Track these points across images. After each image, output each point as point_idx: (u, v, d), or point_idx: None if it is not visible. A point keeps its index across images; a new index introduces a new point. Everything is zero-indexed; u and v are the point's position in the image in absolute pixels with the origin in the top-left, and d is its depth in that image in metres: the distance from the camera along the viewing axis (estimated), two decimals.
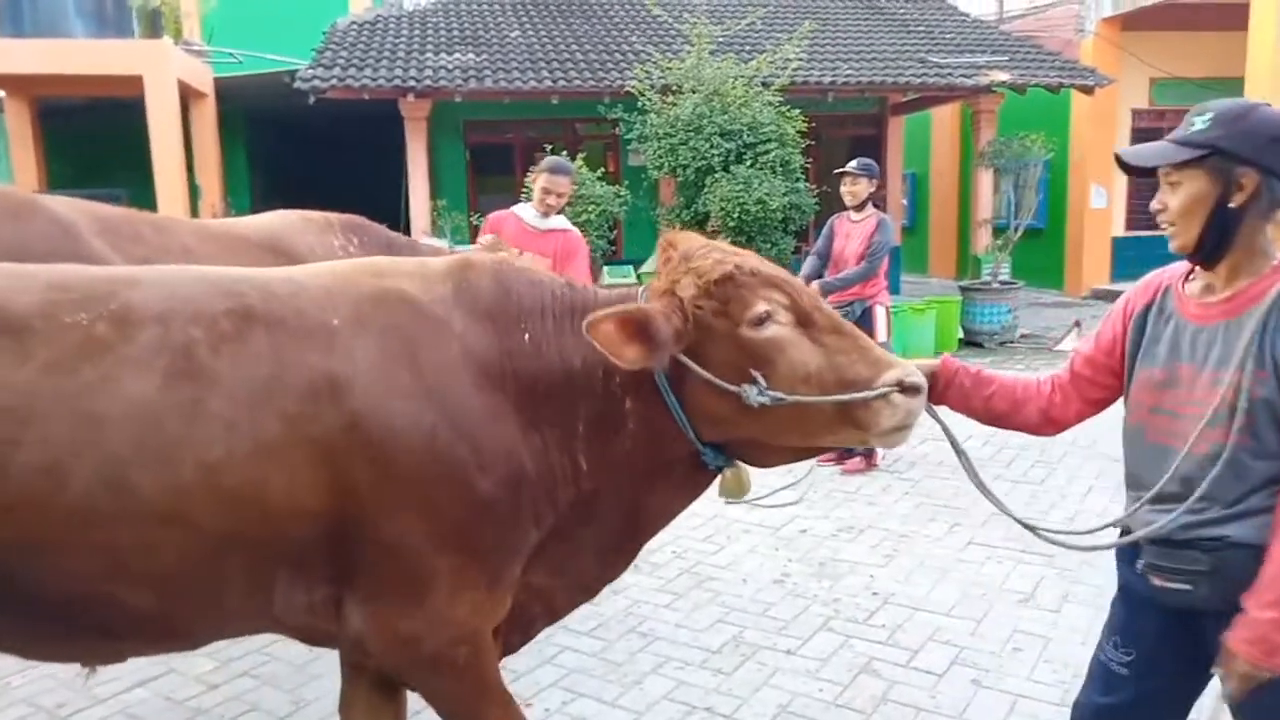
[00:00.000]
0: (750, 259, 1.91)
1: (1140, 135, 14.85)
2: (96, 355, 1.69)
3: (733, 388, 1.82)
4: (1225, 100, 1.83)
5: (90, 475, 1.63)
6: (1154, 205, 1.88)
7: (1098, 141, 14.17)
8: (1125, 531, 1.98)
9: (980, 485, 2.06)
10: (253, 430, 1.71)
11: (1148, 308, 1.96)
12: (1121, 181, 14.82)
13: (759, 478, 2.25)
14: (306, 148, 16.70)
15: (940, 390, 2.07)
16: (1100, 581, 4.16)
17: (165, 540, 1.69)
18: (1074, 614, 3.88)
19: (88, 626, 1.80)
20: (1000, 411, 2.09)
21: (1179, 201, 1.81)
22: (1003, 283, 11.15)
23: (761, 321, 1.83)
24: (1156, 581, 1.87)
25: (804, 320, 1.86)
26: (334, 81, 10.66)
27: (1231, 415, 1.73)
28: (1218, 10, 12.79)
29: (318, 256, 3.45)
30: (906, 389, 1.83)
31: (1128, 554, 1.98)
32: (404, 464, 1.77)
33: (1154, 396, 1.88)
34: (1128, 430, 1.97)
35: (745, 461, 2.04)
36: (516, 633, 2.15)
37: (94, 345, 1.69)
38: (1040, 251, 14.64)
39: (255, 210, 11.80)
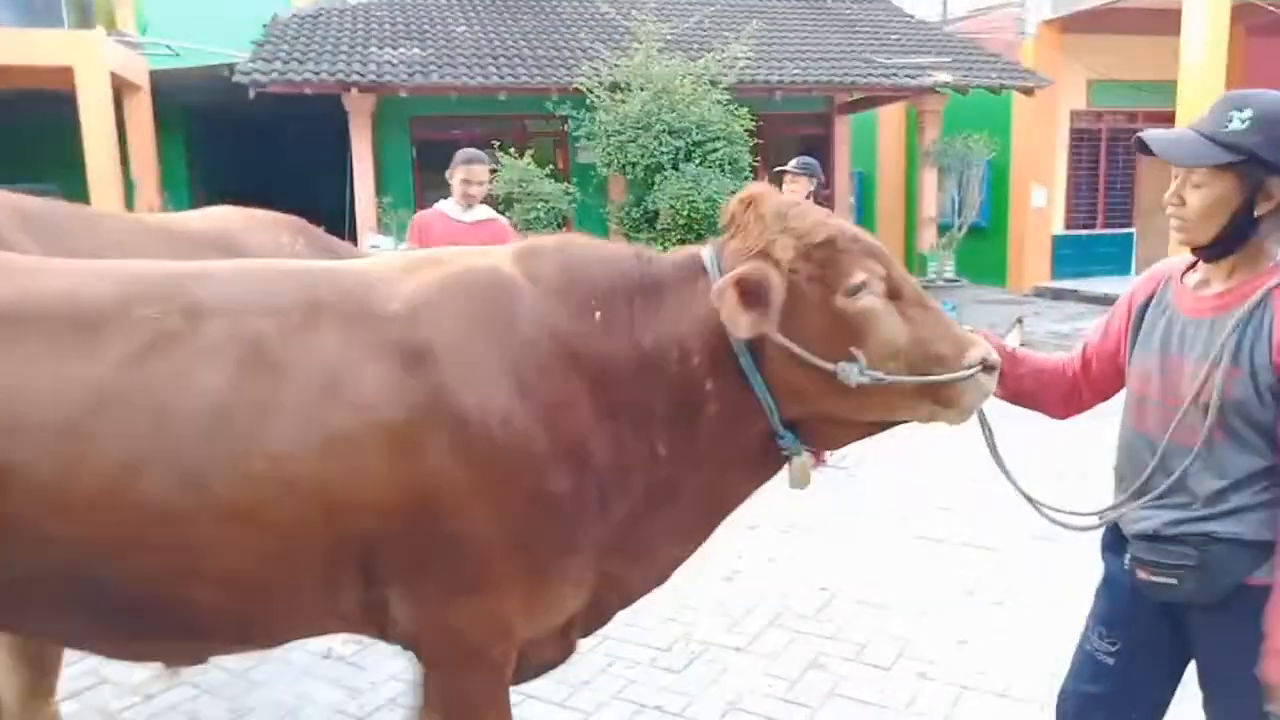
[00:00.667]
0: (848, 224, 1.82)
1: (1078, 135, 15.25)
2: (168, 349, 1.68)
3: (830, 366, 1.73)
4: (1265, 97, 1.74)
5: (163, 471, 1.62)
6: (1168, 197, 1.81)
7: (1038, 142, 14.52)
8: (1115, 525, 2.00)
9: (998, 461, 2.04)
10: (323, 422, 1.68)
11: (1149, 299, 1.94)
12: (1061, 181, 15.22)
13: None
14: (248, 143, 16.37)
15: None
16: (1044, 575, 4.26)
17: (238, 537, 1.67)
18: (1017, 607, 3.96)
19: (164, 626, 1.78)
20: (1027, 391, 2.10)
21: (1200, 201, 1.75)
22: (947, 280, 11.38)
23: (857, 291, 1.74)
24: (1142, 575, 1.88)
25: (894, 292, 1.79)
26: (275, 75, 10.47)
27: (1205, 411, 1.74)
28: (1151, 15, 13.17)
29: (268, 254, 3.37)
30: (989, 368, 1.81)
31: (1114, 546, 2.00)
32: (479, 450, 1.72)
33: (1144, 387, 1.90)
34: (1122, 420, 1.99)
35: (812, 441, 1.95)
36: (595, 623, 2.11)
37: (165, 339, 1.68)
38: (983, 249, 14.95)
39: (195, 206, 11.52)
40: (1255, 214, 1.72)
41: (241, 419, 1.65)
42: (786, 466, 1.94)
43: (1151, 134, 1.82)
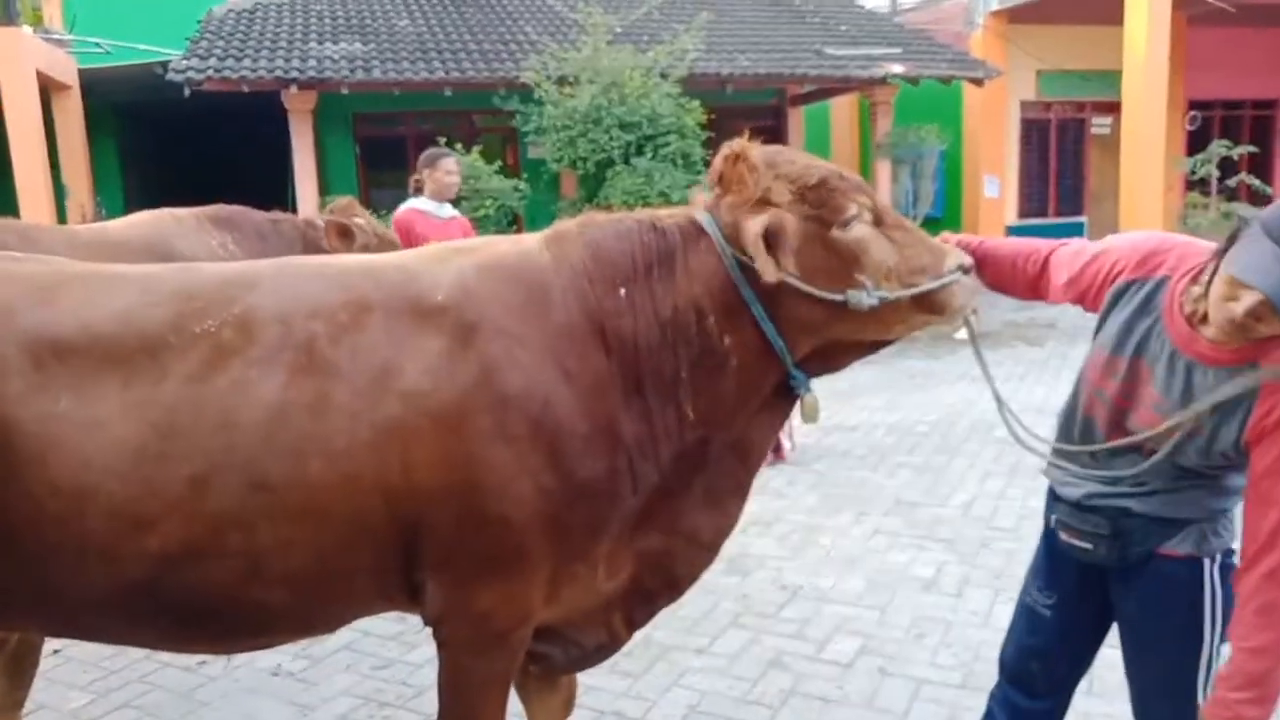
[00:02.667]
0: (830, 164, 1.97)
1: (1028, 125, 15.53)
2: (226, 362, 1.76)
3: (840, 296, 1.87)
4: None
5: (230, 480, 1.71)
6: (1244, 317, 1.62)
7: (989, 132, 14.76)
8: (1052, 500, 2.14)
9: (982, 365, 2.22)
10: (373, 415, 1.77)
11: (1131, 283, 1.91)
12: (1013, 171, 15.49)
13: None
14: (185, 143, 16.02)
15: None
16: (998, 564, 4.34)
17: (300, 536, 1.76)
18: (974, 598, 4.02)
19: (233, 626, 1.89)
20: (992, 284, 2.25)
21: (1241, 315, 1.62)
22: None
23: (850, 222, 1.89)
24: (1064, 537, 2.06)
25: (878, 219, 1.95)
26: (210, 73, 10.24)
27: (1163, 443, 1.81)
28: (1096, 6, 13.45)
29: (199, 258, 3.33)
30: (967, 269, 1.98)
31: (1049, 504, 2.15)
32: (522, 431, 1.80)
33: (1103, 381, 1.95)
34: (1072, 390, 2.07)
35: (815, 371, 2.06)
36: (639, 609, 2.17)
37: (223, 352, 1.77)
38: None
39: (131, 210, 11.25)
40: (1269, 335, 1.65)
41: (298, 421, 1.74)
42: (798, 404, 2.07)
43: (1251, 271, 1.60)
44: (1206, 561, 1.91)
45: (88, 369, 1.73)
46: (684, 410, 1.96)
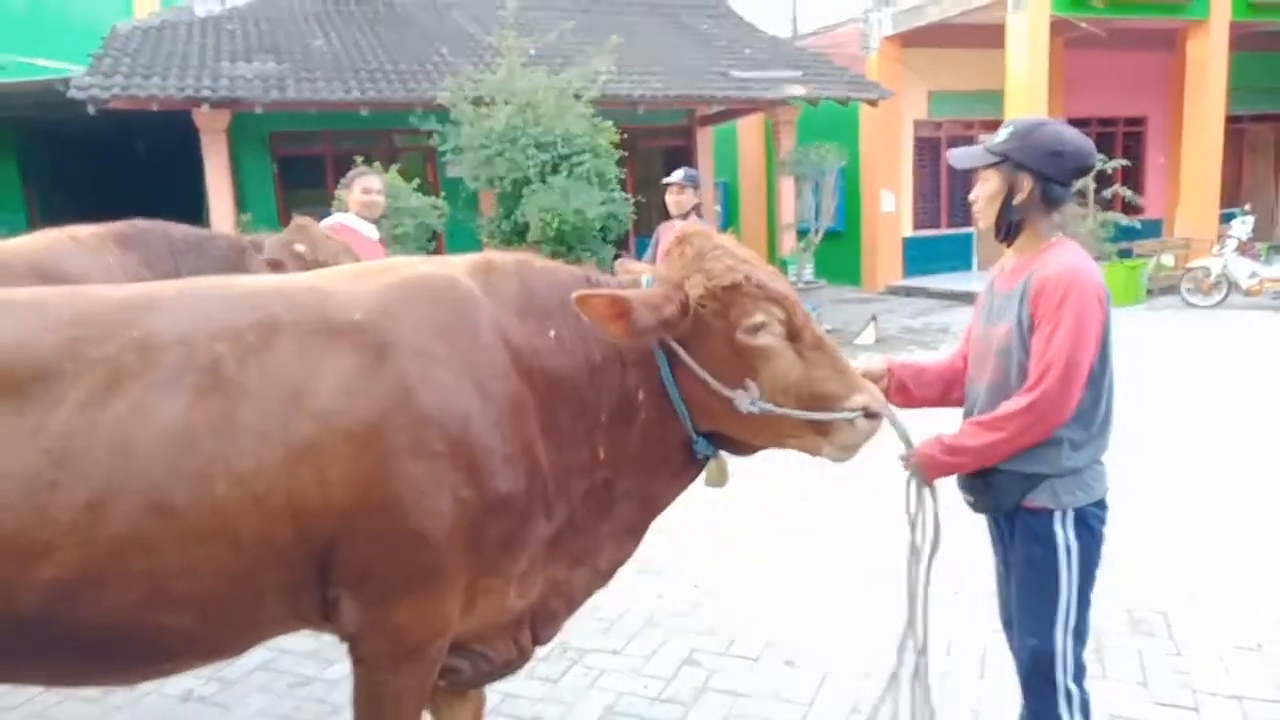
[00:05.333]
0: (760, 271, 2.03)
1: (921, 143, 16.04)
2: (125, 386, 1.70)
3: (727, 392, 1.96)
4: (1025, 117, 2.27)
5: (129, 505, 1.65)
6: (970, 196, 2.32)
7: (884, 150, 15.21)
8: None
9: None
10: (288, 434, 1.73)
11: (989, 286, 2.39)
12: (907, 186, 15.97)
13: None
14: (94, 161, 15.31)
15: (890, 392, 2.39)
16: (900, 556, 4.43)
17: (206, 559, 1.71)
18: (876, 588, 4.11)
19: (136, 654, 1.82)
20: (933, 399, 2.47)
21: (983, 194, 2.26)
22: (807, 282, 11.74)
23: (756, 330, 1.96)
24: (961, 494, 2.37)
25: (793, 335, 2.01)
26: (116, 90, 9.82)
27: (1000, 356, 2.21)
28: (981, 31, 14.02)
29: (93, 279, 3.17)
30: (870, 415, 2.03)
31: None
32: (440, 447, 1.80)
33: (978, 347, 2.35)
34: (966, 376, 2.42)
35: (726, 448, 2.17)
36: (544, 626, 2.21)
37: (122, 376, 1.71)
38: (839, 252, 15.54)
39: (35, 230, 10.67)
40: (1014, 202, 2.20)
41: (203, 443, 1.70)
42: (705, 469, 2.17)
43: (953, 151, 2.34)
44: (1058, 514, 2.19)
45: None
46: (596, 450, 2.04)
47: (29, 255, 3.19)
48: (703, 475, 2.19)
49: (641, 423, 2.05)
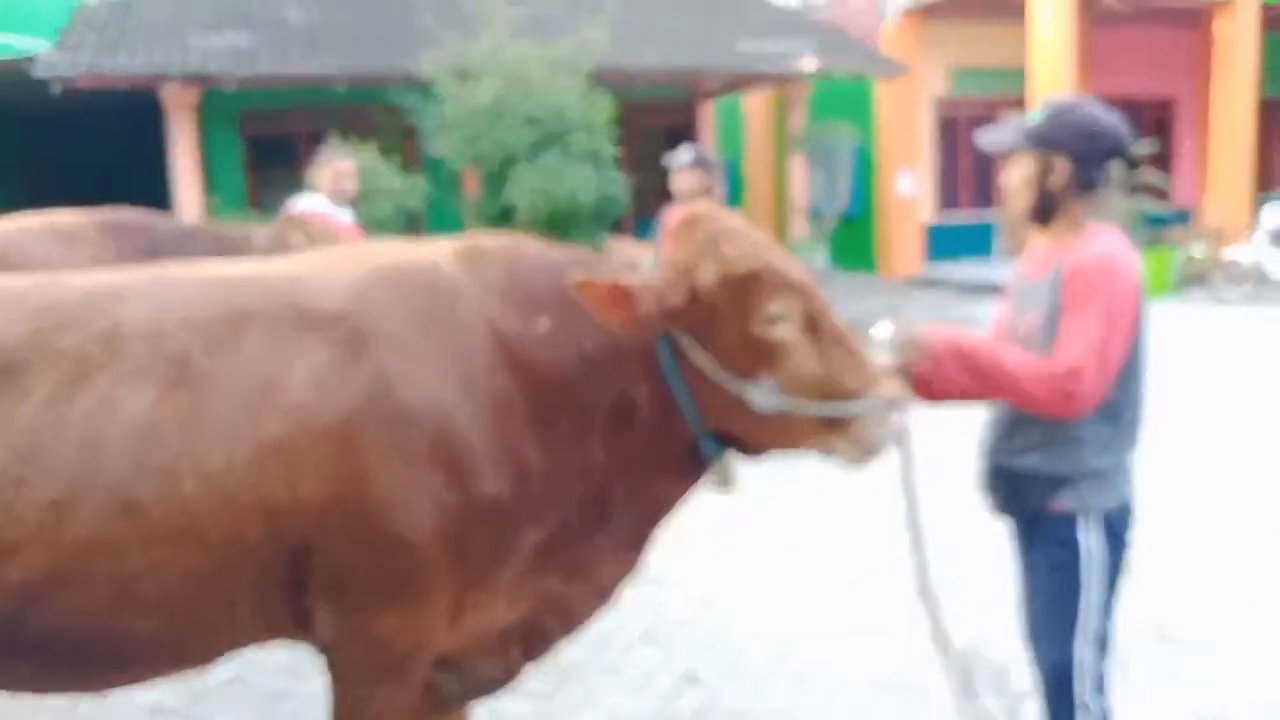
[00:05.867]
0: (778, 258, 1.97)
1: (942, 123, 16.01)
2: (91, 379, 1.71)
3: (739, 387, 1.91)
4: (1061, 97, 2.33)
5: (95, 503, 1.66)
6: (1002, 179, 2.34)
7: (901, 129, 15.17)
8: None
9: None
10: (258, 430, 1.73)
11: (1019, 273, 2.40)
12: (927, 168, 15.94)
13: None
14: (57, 143, 15.30)
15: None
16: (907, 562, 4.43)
17: (174, 559, 1.71)
18: (889, 596, 4.10)
19: (104, 659, 1.82)
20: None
21: (1015, 177, 2.27)
22: (819, 270, 11.73)
23: (773, 321, 1.91)
24: (982, 494, 2.41)
25: (811, 327, 1.94)
26: (83, 69, 9.79)
27: (1025, 348, 2.18)
28: (1002, 4, 13.97)
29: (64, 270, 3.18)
30: (894, 406, 1.98)
31: None
32: (419, 446, 1.78)
33: (1007, 338, 2.32)
34: None
35: (736, 449, 2.10)
36: (536, 645, 2.18)
37: (87, 369, 1.72)
38: (854, 238, 15.50)
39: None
40: (1048, 186, 2.21)
41: (171, 439, 1.70)
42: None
43: (983, 133, 2.36)
44: (1082, 519, 2.21)
45: None
46: (592, 450, 1.98)
47: None
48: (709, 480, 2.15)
49: (642, 421, 2.00)
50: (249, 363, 1.77)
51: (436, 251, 2.04)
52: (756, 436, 2.04)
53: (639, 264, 2.08)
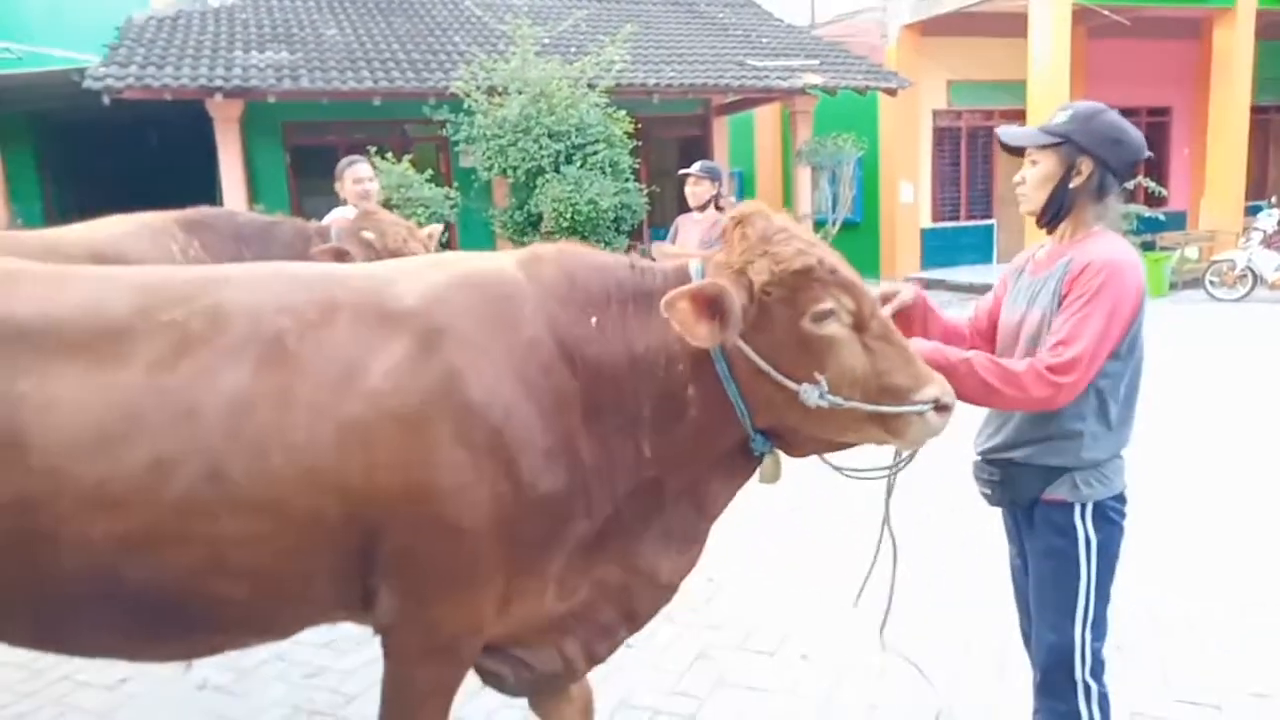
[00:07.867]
0: (829, 255, 1.91)
1: (940, 134, 15.94)
2: (192, 350, 1.75)
3: (792, 385, 1.86)
4: (1085, 102, 2.24)
5: (192, 467, 1.69)
6: (1016, 178, 2.28)
7: (903, 140, 15.12)
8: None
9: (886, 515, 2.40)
10: (336, 411, 1.75)
11: (1018, 272, 2.36)
12: (926, 177, 15.89)
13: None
14: (110, 151, 15.42)
15: (913, 323, 2.31)
16: (912, 556, 4.42)
17: (260, 529, 1.73)
18: (896, 580, 4.09)
19: (191, 622, 1.85)
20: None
21: (1035, 175, 2.21)
22: None
23: (824, 318, 1.86)
24: (978, 486, 2.38)
25: (860, 324, 1.90)
26: (130, 80, 9.92)
27: (1027, 344, 2.17)
28: (1002, 19, 13.90)
29: (152, 263, 3.20)
30: (941, 408, 1.91)
31: None
32: (480, 438, 1.79)
33: (1006, 336, 2.30)
34: None
35: (780, 445, 2.07)
36: (598, 640, 2.15)
37: (189, 341, 1.76)
38: (857, 243, 15.44)
39: (50, 220, 10.78)
40: (1070, 186, 2.17)
41: (262, 413, 1.73)
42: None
43: (1003, 128, 2.31)
44: (1078, 508, 2.19)
45: (47, 352, 1.71)
46: (641, 446, 1.95)
47: (90, 240, 3.24)
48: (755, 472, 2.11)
49: (692, 419, 1.95)
50: (335, 348, 1.80)
51: (504, 260, 2.05)
52: (807, 431, 1.99)
53: (687, 267, 2.01)
